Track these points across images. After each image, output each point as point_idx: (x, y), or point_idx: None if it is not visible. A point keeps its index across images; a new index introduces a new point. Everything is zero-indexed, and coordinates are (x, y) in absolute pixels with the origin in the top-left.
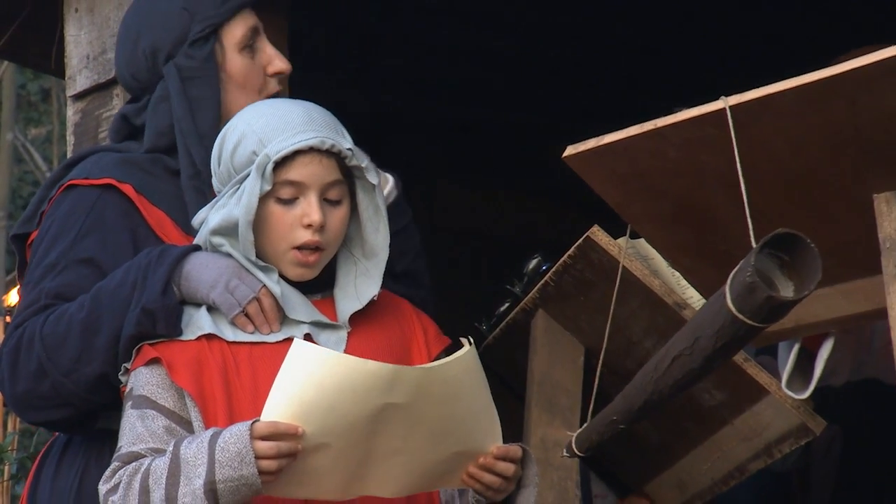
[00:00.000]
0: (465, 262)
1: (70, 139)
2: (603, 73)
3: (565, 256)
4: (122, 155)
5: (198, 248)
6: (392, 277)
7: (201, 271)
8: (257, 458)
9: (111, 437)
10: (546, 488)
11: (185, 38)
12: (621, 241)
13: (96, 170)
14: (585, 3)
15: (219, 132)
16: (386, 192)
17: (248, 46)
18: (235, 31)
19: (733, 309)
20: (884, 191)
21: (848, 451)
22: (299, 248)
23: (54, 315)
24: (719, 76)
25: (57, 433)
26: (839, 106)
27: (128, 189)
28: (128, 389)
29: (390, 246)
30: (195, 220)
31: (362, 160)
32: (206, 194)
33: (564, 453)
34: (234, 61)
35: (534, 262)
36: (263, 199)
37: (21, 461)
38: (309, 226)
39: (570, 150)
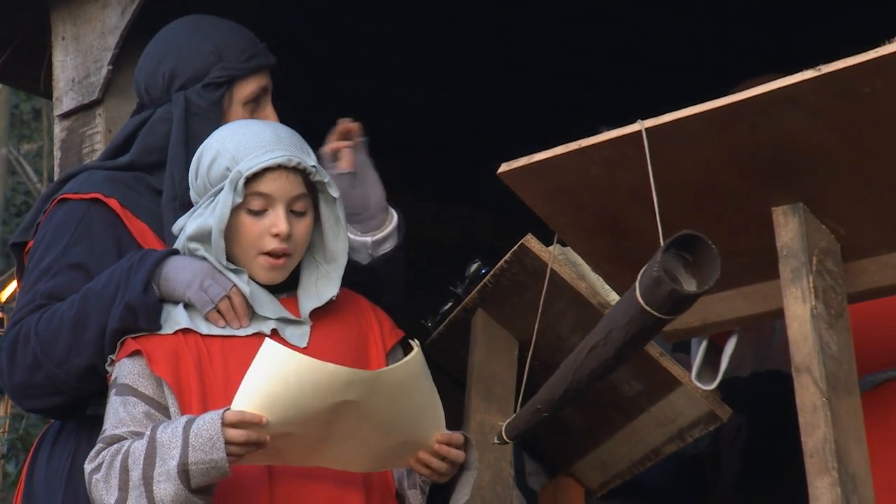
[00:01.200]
0: (414, 265)
1: (57, 154)
2: (536, 99)
3: (502, 261)
4: (108, 172)
5: (176, 251)
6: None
7: (178, 272)
8: (227, 443)
9: (100, 422)
10: (484, 468)
11: (203, 76)
12: (551, 248)
13: (86, 185)
14: (514, 38)
15: None
16: (389, 230)
17: (253, 101)
18: (247, 88)
19: (641, 301)
20: (781, 204)
21: (753, 436)
22: (268, 253)
23: (48, 313)
24: (633, 101)
25: (52, 420)
26: (741, 128)
27: (113, 203)
28: (112, 378)
29: (377, 280)
30: (175, 227)
31: (325, 176)
32: (179, 215)
33: (496, 440)
34: (237, 113)
35: (474, 266)
36: (235, 210)
37: (11, 442)
38: (276, 235)
39: (503, 168)
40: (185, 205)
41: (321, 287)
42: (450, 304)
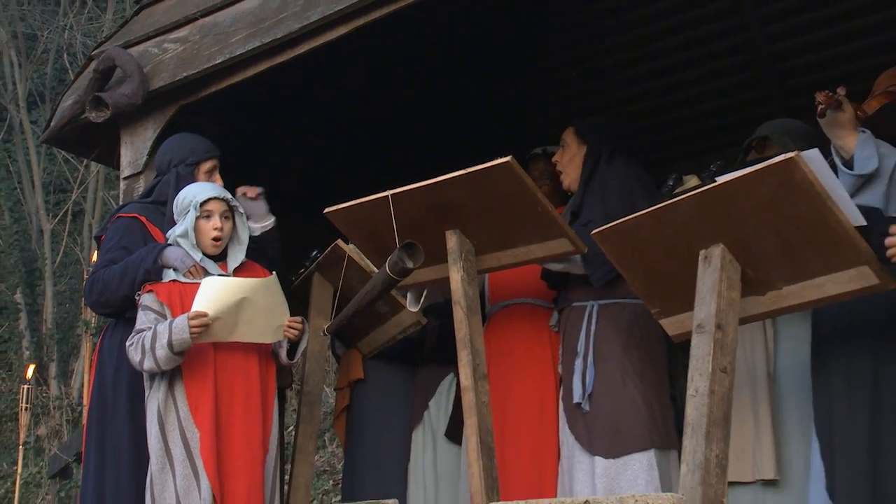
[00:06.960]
0: (289, 254)
1: (122, 196)
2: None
3: (327, 250)
4: (142, 204)
5: (169, 244)
6: (266, 258)
7: (170, 254)
8: (190, 328)
9: (133, 321)
10: (315, 342)
11: (185, 161)
12: (349, 245)
13: (130, 210)
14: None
15: None
16: (269, 222)
17: (209, 172)
18: (206, 165)
19: (388, 271)
20: (450, 230)
21: (441, 331)
22: (213, 238)
23: (108, 270)
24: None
25: (111, 319)
26: (437, 194)
27: (143, 219)
28: (139, 302)
29: (268, 247)
30: (168, 234)
31: (237, 203)
32: (172, 225)
33: (322, 333)
34: (201, 178)
35: (314, 253)
36: (196, 219)
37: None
38: (215, 229)
39: (327, 210)
40: (172, 220)
41: (237, 255)
42: (302, 270)
